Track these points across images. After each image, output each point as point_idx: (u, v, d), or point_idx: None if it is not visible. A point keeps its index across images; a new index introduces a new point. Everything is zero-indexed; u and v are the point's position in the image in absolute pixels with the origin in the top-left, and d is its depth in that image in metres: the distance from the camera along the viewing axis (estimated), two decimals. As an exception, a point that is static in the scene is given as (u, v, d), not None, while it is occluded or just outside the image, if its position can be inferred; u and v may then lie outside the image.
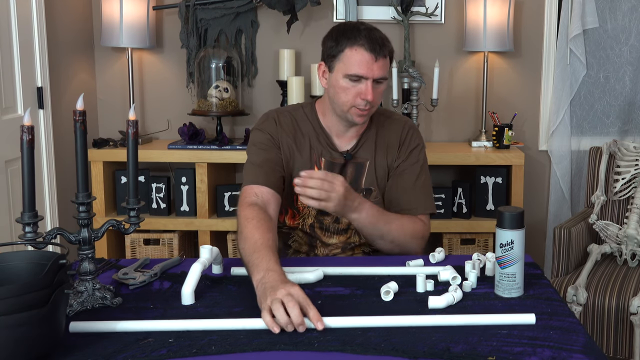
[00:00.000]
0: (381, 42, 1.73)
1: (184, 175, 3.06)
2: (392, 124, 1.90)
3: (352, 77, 1.72)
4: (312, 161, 1.83)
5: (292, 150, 1.83)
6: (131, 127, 1.36)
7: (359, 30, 1.73)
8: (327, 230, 1.84)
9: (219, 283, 1.51)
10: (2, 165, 2.45)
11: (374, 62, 1.71)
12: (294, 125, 1.85)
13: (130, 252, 3.11)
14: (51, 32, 2.80)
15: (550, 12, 3.27)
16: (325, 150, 1.84)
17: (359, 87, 1.72)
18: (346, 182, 1.65)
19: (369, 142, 1.86)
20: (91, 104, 3.25)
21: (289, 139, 1.83)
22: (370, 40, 1.71)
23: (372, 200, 1.82)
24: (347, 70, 1.72)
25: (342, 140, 1.85)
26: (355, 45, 1.71)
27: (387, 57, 1.75)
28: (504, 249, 1.41)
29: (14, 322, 1.04)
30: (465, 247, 3.11)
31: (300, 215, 1.84)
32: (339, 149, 1.85)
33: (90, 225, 1.37)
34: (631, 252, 2.70)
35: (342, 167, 1.84)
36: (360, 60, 1.71)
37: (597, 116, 3.36)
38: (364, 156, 1.85)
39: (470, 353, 1.16)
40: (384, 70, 1.74)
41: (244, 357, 1.16)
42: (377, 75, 1.72)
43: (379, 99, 1.77)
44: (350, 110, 1.75)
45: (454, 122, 3.35)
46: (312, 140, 1.84)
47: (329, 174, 1.63)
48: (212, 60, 3.13)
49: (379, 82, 1.75)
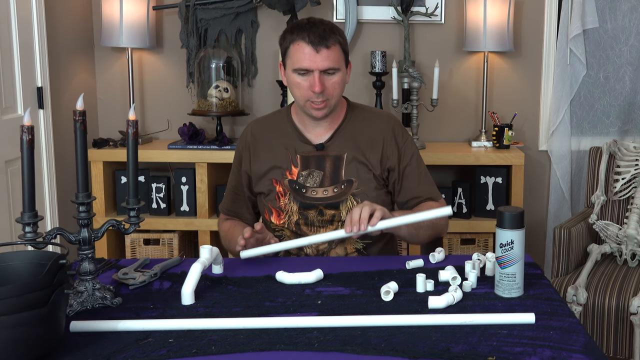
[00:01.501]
0: (322, 34, 1.75)
1: (184, 175, 3.07)
2: (374, 118, 1.93)
3: (299, 71, 1.77)
4: (288, 159, 1.87)
5: (268, 158, 1.89)
6: (131, 127, 1.36)
7: (301, 26, 1.78)
8: (312, 225, 1.86)
9: (219, 283, 1.51)
10: (2, 165, 2.45)
11: (316, 54, 1.74)
12: (269, 131, 1.92)
13: (130, 252, 3.11)
14: (51, 32, 2.80)
15: (550, 12, 3.27)
16: (298, 146, 1.88)
17: (309, 80, 1.76)
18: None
19: (345, 135, 1.89)
20: (91, 104, 3.25)
21: (263, 148, 1.91)
22: (311, 33, 1.75)
23: (353, 191, 1.84)
24: (293, 64, 1.77)
25: (316, 134, 1.89)
26: (297, 39, 1.76)
27: (333, 47, 1.76)
28: (504, 249, 1.41)
29: (14, 322, 1.04)
30: (465, 247, 3.11)
31: (284, 213, 1.86)
32: (312, 142, 1.88)
33: (90, 225, 1.37)
34: (631, 252, 2.70)
35: (318, 161, 1.87)
36: (302, 54, 1.75)
37: (597, 116, 3.36)
38: (339, 149, 1.87)
39: (470, 353, 1.16)
40: (330, 60, 1.75)
41: (244, 357, 1.16)
42: (322, 67, 1.75)
43: (334, 90, 1.79)
44: (306, 104, 1.80)
45: (454, 122, 3.35)
46: (286, 140, 1.89)
47: (356, 207, 1.63)
48: (212, 60, 3.13)
49: (330, 73, 1.77)
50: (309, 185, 1.85)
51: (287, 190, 1.86)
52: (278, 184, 1.87)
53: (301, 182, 1.86)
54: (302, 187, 1.85)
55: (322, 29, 1.76)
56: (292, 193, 1.86)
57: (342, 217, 1.84)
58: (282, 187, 1.86)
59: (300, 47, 1.75)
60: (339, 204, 1.85)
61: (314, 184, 1.85)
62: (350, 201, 1.85)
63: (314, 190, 1.85)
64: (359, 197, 1.85)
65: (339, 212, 1.85)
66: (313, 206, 1.85)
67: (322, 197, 1.85)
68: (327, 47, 1.75)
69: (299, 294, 1.44)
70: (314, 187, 1.85)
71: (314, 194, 1.85)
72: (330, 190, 1.85)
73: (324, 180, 1.86)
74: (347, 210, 1.84)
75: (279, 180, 1.87)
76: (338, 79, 1.79)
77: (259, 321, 1.27)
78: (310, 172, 1.86)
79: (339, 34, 1.79)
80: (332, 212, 1.85)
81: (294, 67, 1.77)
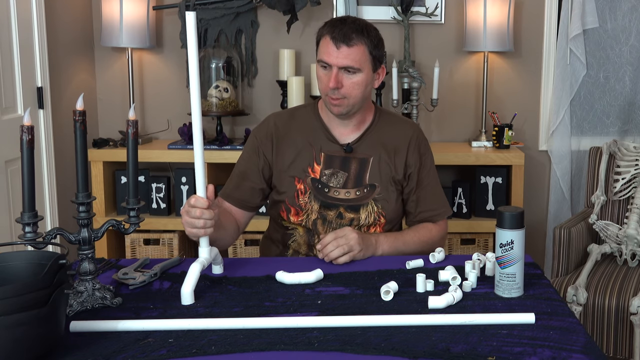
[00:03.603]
0: (347, 32, 1.75)
1: (184, 175, 3.07)
2: (401, 125, 1.93)
3: (321, 64, 1.79)
4: (312, 157, 1.85)
5: (291, 152, 1.86)
6: (131, 127, 1.36)
7: (333, 21, 1.81)
8: (329, 226, 1.85)
9: (219, 283, 1.51)
10: (2, 165, 2.45)
11: (336, 50, 1.75)
12: (293, 125, 1.89)
13: (130, 252, 3.11)
14: (51, 32, 2.80)
15: (550, 12, 3.27)
16: (324, 144, 1.87)
17: (328, 75, 1.78)
18: (354, 229, 1.73)
19: (373, 138, 1.88)
20: (91, 104, 3.25)
21: (286, 141, 1.87)
22: (337, 29, 1.76)
23: (375, 196, 1.84)
24: (319, 56, 1.81)
25: (343, 134, 1.88)
26: (326, 33, 1.79)
27: (356, 47, 1.75)
28: (504, 249, 1.41)
29: (14, 322, 1.04)
30: (465, 247, 3.11)
31: (303, 211, 1.85)
32: (339, 141, 1.87)
33: (90, 225, 1.37)
34: (631, 252, 2.70)
35: (343, 161, 1.86)
36: (326, 48, 1.77)
37: (597, 116, 3.36)
38: (367, 152, 1.87)
39: (470, 353, 1.16)
40: (349, 59, 1.75)
41: (244, 357, 1.16)
42: (340, 64, 1.76)
43: (352, 89, 1.78)
44: (326, 98, 1.81)
45: (454, 122, 3.35)
46: (311, 136, 1.87)
47: (337, 231, 1.71)
48: (212, 60, 3.13)
49: (350, 72, 1.77)
50: (332, 185, 1.84)
51: (309, 189, 1.84)
52: (300, 182, 1.85)
53: (324, 181, 1.84)
54: (325, 187, 1.84)
55: (350, 28, 1.76)
56: (314, 191, 1.84)
57: (361, 221, 1.85)
58: (303, 185, 1.85)
59: (325, 41, 1.78)
60: (359, 207, 1.85)
61: (337, 184, 1.84)
62: (371, 205, 1.85)
63: (337, 190, 1.84)
64: (379, 203, 1.85)
65: (358, 216, 1.85)
66: (334, 206, 1.84)
67: (344, 198, 1.84)
68: (349, 45, 1.75)
69: (299, 294, 1.44)
70: (336, 188, 1.84)
71: (336, 194, 1.84)
72: (352, 193, 1.85)
73: (347, 182, 1.85)
74: (366, 215, 1.85)
75: (301, 178, 1.85)
76: (359, 79, 1.78)
77: (259, 321, 1.27)
78: (334, 171, 1.85)
79: (367, 36, 1.77)
80: (351, 215, 1.84)
81: (318, 59, 1.80)
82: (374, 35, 1.79)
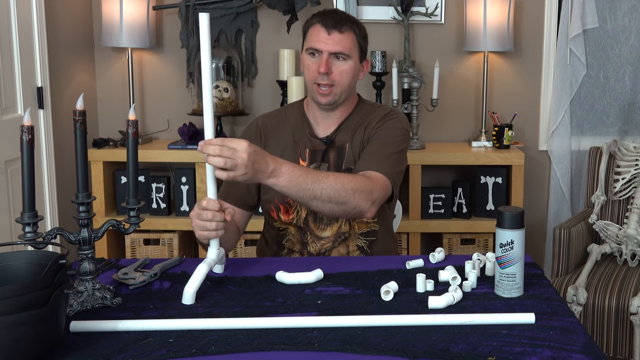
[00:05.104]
0: (338, 19, 1.78)
1: (184, 175, 3.07)
2: (377, 110, 1.92)
3: (309, 51, 1.80)
4: (297, 154, 1.86)
5: (278, 149, 1.86)
6: (131, 127, 1.36)
7: (322, 12, 1.83)
8: (320, 222, 1.85)
9: (219, 283, 1.51)
10: (2, 165, 2.45)
11: (328, 36, 1.77)
12: (279, 124, 1.91)
13: (130, 252, 3.11)
14: (51, 32, 2.80)
15: (550, 12, 3.27)
16: (307, 140, 1.88)
17: (317, 62, 1.79)
18: (252, 147, 1.46)
19: (349, 125, 1.89)
20: (91, 104, 3.25)
21: (274, 139, 1.88)
22: (327, 17, 1.79)
23: None
24: (307, 45, 1.81)
25: (323, 127, 1.89)
26: (315, 22, 1.81)
27: (347, 33, 1.79)
28: (504, 249, 1.41)
29: (14, 322, 1.04)
30: (465, 247, 3.11)
31: (293, 208, 1.85)
32: (318, 136, 1.88)
33: (90, 225, 1.37)
34: (631, 252, 2.70)
35: (324, 153, 1.86)
36: (316, 35, 1.79)
37: (597, 116, 3.36)
38: (343, 139, 1.88)
39: (470, 353, 1.16)
40: (341, 45, 1.78)
41: (244, 357, 1.16)
42: (332, 49, 1.77)
43: (341, 77, 1.79)
44: (313, 87, 1.81)
45: (454, 122, 3.35)
46: (296, 133, 1.89)
47: (229, 139, 1.46)
48: (212, 60, 3.13)
49: (339, 59, 1.79)
50: None
51: None
52: None
53: None
54: None
55: (340, 16, 1.80)
56: None
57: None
58: None
59: (315, 29, 1.79)
60: None
61: None
62: None
63: None
64: None
65: None
66: None
67: None
68: (340, 31, 1.78)
69: (299, 294, 1.44)
70: None
71: None
72: None
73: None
74: None
75: None
76: (347, 67, 1.80)
77: (259, 321, 1.27)
78: (317, 165, 1.85)
79: (356, 26, 1.82)
80: None
81: (306, 47, 1.81)
82: (362, 27, 1.86)
